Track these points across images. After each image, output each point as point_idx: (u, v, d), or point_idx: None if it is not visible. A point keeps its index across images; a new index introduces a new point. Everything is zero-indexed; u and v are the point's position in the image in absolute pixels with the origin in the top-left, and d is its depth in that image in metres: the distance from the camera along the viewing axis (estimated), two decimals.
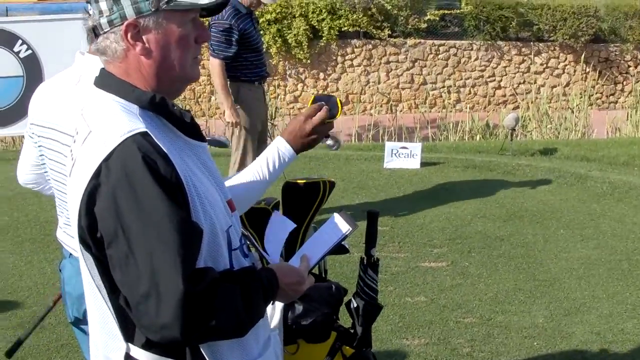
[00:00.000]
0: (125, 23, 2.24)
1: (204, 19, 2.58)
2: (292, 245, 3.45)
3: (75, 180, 2.21)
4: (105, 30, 2.27)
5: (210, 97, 20.90)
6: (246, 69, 8.04)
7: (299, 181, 3.71)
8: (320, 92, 21.50)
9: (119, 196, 2.10)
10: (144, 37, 2.27)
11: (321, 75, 21.52)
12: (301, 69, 21.30)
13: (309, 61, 21.23)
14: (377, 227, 3.77)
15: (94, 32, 2.30)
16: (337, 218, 2.74)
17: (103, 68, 2.37)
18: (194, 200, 2.21)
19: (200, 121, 17.30)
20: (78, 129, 2.30)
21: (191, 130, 2.36)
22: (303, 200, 3.68)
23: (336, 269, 6.60)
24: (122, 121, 2.19)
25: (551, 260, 7.46)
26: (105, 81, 2.32)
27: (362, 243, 3.75)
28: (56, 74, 3.56)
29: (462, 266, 7.30)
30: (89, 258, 2.24)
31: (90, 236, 2.17)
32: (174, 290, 2.05)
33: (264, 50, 8.25)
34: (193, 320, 2.09)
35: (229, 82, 7.96)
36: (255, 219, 3.43)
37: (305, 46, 21.00)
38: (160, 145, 2.17)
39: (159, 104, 2.27)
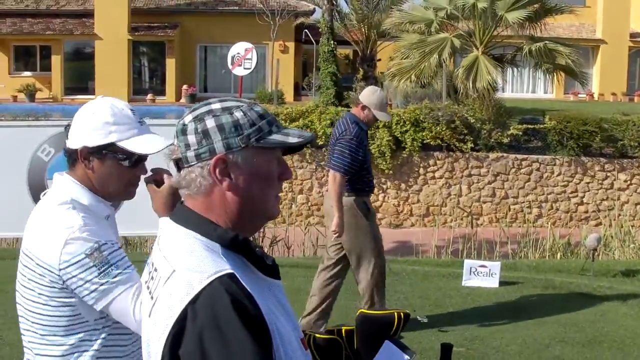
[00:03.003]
0: (215, 158, 2.22)
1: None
2: None
3: (157, 322, 2.19)
4: (192, 164, 2.26)
5: (291, 205, 21.11)
6: (367, 183, 8.27)
7: (373, 312, 3.72)
8: (401, 203, 21.57)
9: (207, 340, 2.06)
10: (231, 173, 2.25)
11: (402, 186, 21.65)
12: (383, 179, 21.44)
13: (391, 172, 21.40)
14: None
15: (177, 165, 2.30)
16: (390, 347, 2.72)
17: (182, 202, 2.36)
18: (276, 342, 2.17)
19: (280, 229, 17.44)
20: (159, 267, 2.29)
21: (270, 270, 2.34)
22: (377, 331, 3.69)
23: None
24: (207, 262, 2.17)
25: None
26: (186, 217, 2.30)
27: None
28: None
29: None
30: None
31: None
32: None
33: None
34: None
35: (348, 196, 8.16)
36: (325, 350, 3.44)
37: (388, 157, 21.20)
38: (246, 287, 2.15)
39: (241, 245, 2.25)
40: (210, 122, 2.24)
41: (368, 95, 8.27)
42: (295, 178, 21.77)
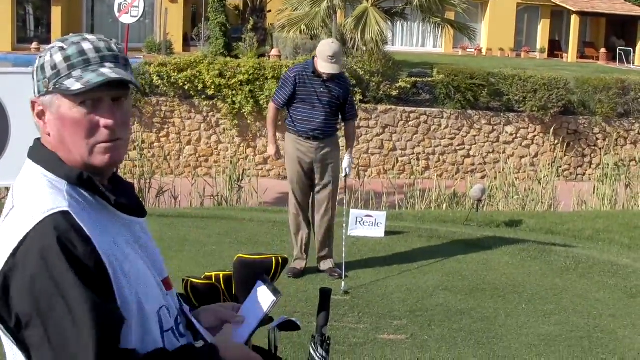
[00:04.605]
0: (30, 100, 2.26)
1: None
2: None
3: None
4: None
5: (179, 156, 20.85)
6: (293, 123, 8.64)
7: (250, 256, 3.62)
8: None
9: (34, 279, 2.05)
10: (43, 117, 2.25)
11: None
12: None
13: (279, 123, 21.23)
14: (330, 305, 3.69)
15: None
16: (261, 288, 2.70)
17: (37, 138, 2.33)
18: (119, 279, 2.15)
19: (167, 179, 17.20)
20: (7, 202, 2.26)
21: (123, 207, 2.31)
22: (254, 276, 3.59)
23: (293, 338, 6.50)
24: (44, 199, 2.15)
25: (512, 336, 7.40)
26: (37, 153, 2.29)
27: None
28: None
29: (421, 340, 7.21)
30: (6, 335, 2.18)
31: (7, 315, 2.11)
32: None
33: (325, 111, 8.66)
34: None
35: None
36: (203, 296, 3.34)
37: None
38: (82, 224, 2.12)
39: (86, 182, 2.23)
40: (36, 62, 2.25)
41: (319, 45, 8.58)
42: (184, 129, 21.49)
